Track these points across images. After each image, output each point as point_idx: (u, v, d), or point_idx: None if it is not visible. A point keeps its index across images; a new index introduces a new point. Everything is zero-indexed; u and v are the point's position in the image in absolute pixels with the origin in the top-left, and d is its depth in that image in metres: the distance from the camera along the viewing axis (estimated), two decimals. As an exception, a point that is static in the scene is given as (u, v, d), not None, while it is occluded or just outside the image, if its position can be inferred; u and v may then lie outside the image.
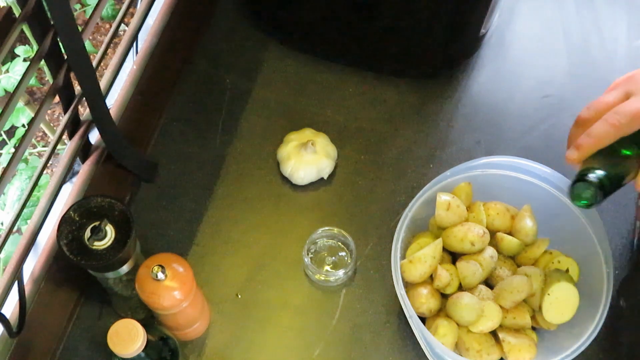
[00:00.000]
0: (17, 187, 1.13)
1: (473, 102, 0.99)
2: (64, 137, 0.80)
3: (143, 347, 0.63)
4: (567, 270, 0.78)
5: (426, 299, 0.77)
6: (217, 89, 0.99)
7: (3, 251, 0.73)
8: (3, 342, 0.77)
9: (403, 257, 0.79)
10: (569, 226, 0.79)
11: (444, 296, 0.79)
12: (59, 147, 0.78)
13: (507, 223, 0.81)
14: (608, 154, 0.64)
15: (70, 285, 0.83)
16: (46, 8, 0.65)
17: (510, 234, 0.81)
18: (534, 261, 0.81)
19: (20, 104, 1.28)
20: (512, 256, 0.82)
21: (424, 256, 0.76)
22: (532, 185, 0.81)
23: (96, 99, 0.77)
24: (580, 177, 0.64)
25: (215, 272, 0.87)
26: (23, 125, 1.32)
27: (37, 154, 1.38)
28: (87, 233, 0.70)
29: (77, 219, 0.70)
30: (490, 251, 0.79)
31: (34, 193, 0.77)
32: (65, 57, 0.72)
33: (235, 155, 0.94)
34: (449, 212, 0.78)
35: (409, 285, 0.79)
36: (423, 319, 0.79)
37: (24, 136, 0.69)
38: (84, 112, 0.84)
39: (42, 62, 0.70)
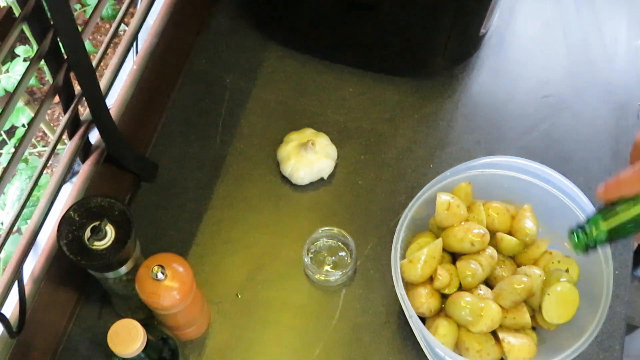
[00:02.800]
0: (17, 187, 1.13)
1: (473, 102, 0.99)
2: (64, 137, 0.80)
3: (143, 347, 0.63)
4: (567, 270, 0.78)
5: (426, 299, 0.77)
6: (217, 89, 0.99)
7: (3, 251, 0.73)
8: (3, 342, 0.77)
9: (403, 257, 0.79)
10: (569, 226, 0.79)
11: (444, 296, 0.79)
12: (59, 147, 0.78)
13: (507, 223, 0.81)
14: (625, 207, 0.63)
15: (70, 285, 0.83)
16: (46, 8, 0.65)
17: (510, 234, 0.81)
18: (534, 261, 0.81)
19: (20, 104, 1.28)
20: (512, 256, 0.82)
21: (424, 256, 0.76)
22: (532, 185, 0.81)
23: (96, 99, 0.77)
24: (581, 225, 0.66)
25: (215, 272, 0.87)
26: (23, 125, 1.32)
27: (37, 154, 1.38)
28: (87, 233, 0.70)
29: (77, 219, 0.70)
30: (490, 251, 0.79)
31: (34, 193, 0.77)
32: (65, 57, 0.72)
33: (235, 155, 0.94)
34: (449, 212, 0.78)
35: (409, 285, 0.79)
36: (423, 319, 0.79)
37: (24, 136, 0.69)
38: (84, 112, 0.84)
39: (42, 62, 0.70)
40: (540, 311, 0.76)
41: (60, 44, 0.70)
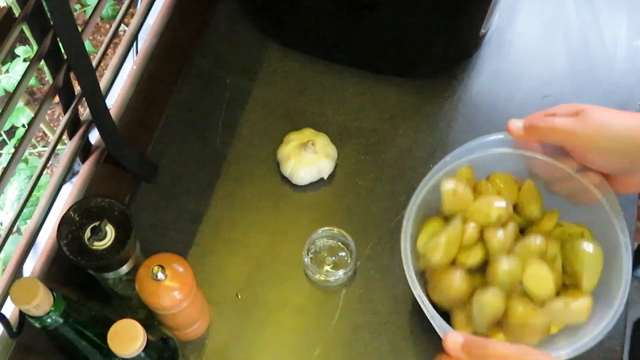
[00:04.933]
0: (16, 187, 1.13)
1: (473, 102, 0.99)
2: (64, 137, 0.80)
3: (143, 347, 0.63)
4: (583, 235, 0.77)
5: (460, 281, 0.74)
6: (217, 89, 0.99)
7: (3, 251, 0.73)
8: (3, 343, 0.77)
9: (413, 250, 0.77)
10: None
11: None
12: (59, 147, 0.78)
13: (515, 194, 0.79)
14: None
15: (70, 285, 0.83)
16: (46, 8, 0.65)
17: (515, 208, 0.79)
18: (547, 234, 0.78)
19: (20, 104, 1.28)
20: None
21: (445, 236, 0.74)
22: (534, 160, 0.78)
23: (96, 99, 0.77)
24: None
25: (215, 272, 0.87)
26: (23, 125, 1.32)
27: (37, 154, 1.38)
28: (87, 233, 0.70)
29: (77, 219, 0.70)
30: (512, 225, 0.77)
31: (34, 193, 0.77)
32: (65, 57, 0.72)
33: (235, 155, 0.94)
34: (457, 199, 0.76)
35: (428, 272, 0.76)
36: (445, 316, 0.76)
37: (24, 136, 0.69)
38: (84, 112, 0.84)
39: (42, 62, 0.70)
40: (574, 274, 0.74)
41: (60, 44, 0.70)
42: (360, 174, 0.93)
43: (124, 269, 0.73)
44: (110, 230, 0.70)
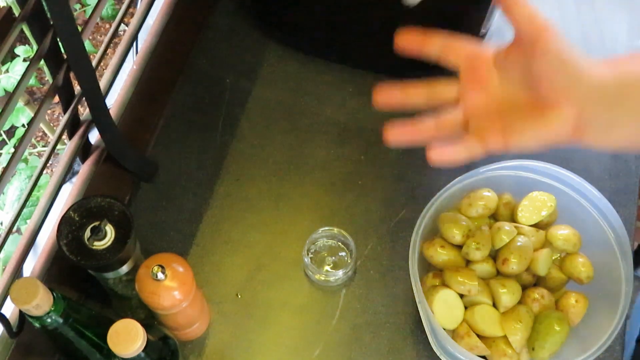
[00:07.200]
0: (16, 187, 1.13)
1: (473, 102, 0.99)
2: (64, 137, 0.80)
3: (143, 347, 0.63)
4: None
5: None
6: (217, 89, 0.99)
7: (3, 251, 0.73)
8: (3, 343, 0.77)
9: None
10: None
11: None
12: (58, 147, 0.78)
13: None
14: None
15: (70, 285, 0.83)
16: (46, 8, 0.65)
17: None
18: None
19: (20, 104, 1.28)
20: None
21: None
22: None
23: (96, 99, 0.77)
24: None
25: (215, 272, 0.87)
26: (23, 125, 1.32)
27: (37, 154, 1.38)
28: (87, 233, 0.70)
29: (77, 219, 0.70)
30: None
31: (34, 193, 0.77)
32: (65, 57, 0.72)
33: (235, 155, 0.94)
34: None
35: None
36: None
37: (23, 136, 0.69)
38: (84, 112, 0.84)
39: (42, 62, 0.70)
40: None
41: (60, 44, 0.70)
42: (360, 174, 0.93)
43: (124, 269, 0.73)
44: (110, 230, 0.70)
